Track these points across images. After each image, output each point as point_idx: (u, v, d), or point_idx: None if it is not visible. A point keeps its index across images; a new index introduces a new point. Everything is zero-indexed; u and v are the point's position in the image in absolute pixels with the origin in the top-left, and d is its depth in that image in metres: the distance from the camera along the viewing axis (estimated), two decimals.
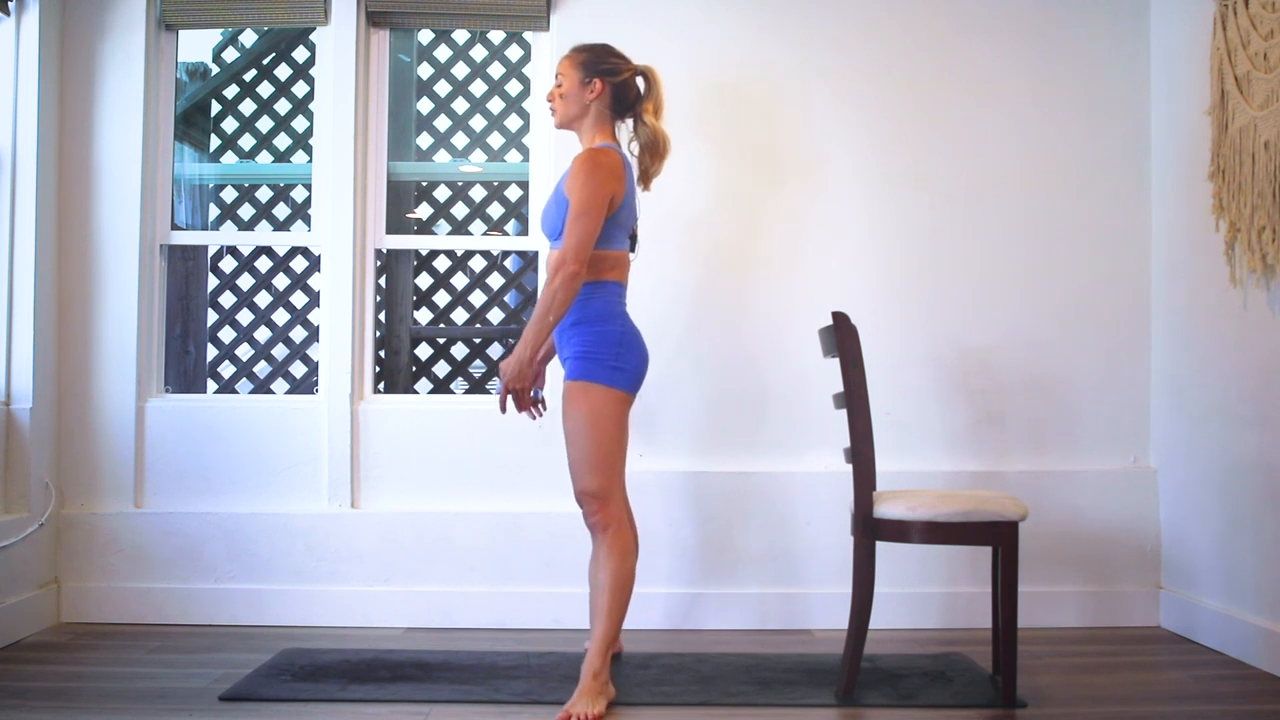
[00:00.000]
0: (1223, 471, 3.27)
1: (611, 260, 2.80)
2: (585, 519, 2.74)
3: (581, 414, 2.70)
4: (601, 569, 2.70)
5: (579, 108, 2.87)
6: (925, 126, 3.69)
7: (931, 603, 3.57)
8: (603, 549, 2.71)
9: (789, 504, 3.59)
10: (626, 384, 2.75)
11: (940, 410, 3.65)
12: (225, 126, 4.53)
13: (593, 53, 2.89)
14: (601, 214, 2.69)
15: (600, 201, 2.69)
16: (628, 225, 2.86)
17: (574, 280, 2.65)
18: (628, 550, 2.72)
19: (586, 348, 2.73)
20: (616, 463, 2.73)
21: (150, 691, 2.80)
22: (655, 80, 2.91)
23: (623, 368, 2.73)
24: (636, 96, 2.92)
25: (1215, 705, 2.74)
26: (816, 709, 2.71)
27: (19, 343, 3.45)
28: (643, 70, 2.92)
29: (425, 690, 2.82)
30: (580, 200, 2.67)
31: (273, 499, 3.62)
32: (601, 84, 2.85)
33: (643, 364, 2.81)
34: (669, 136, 2.93)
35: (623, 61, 2.90)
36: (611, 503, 2.71)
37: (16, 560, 3.34)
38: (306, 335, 4.50)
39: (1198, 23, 3.35)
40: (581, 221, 2.66)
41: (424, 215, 4.54)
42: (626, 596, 2.71)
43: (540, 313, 2.66)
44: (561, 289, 2.64)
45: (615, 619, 2.68)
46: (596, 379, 2.71)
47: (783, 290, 3.66)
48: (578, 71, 2.86)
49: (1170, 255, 3.59)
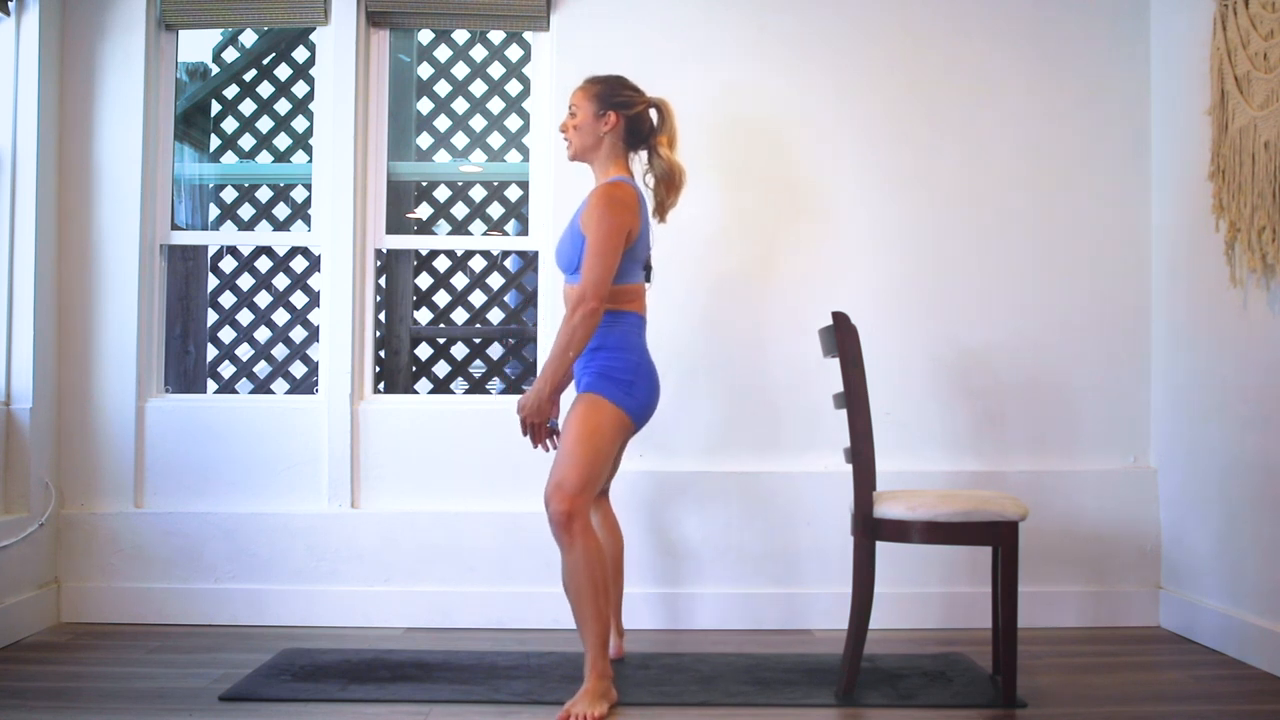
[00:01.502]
0: (1222, 472, 3.27)
1: (629, 293, 2.82)
2: (551, 523, 2.65)
3: (585, 421, 2.70)
4: (573, 576, 2.63)
5: (593, 140, 2.87)
6: (926, 127, 3.69)
7: (931, 603, 3.57)
8: (571, 556, 2.63)
9: (789, 504, 3.59)
10: (634, 410, 2.77)
11: (940, 410, 3.65)
12: (225, 126, 4.53)
13: (607, 85, 2.90)
14: (619, 250, 2.71)
15: (618, 238, 2.70)
16: (643, 258, 2.88)
17: (593, 317, 2.66)
18: (596, 551, 2.64)
19: (605, 368, 2.76)
20: (598, 477, 2.72)
21: (150, 691, 2.80)
22: (669, 113, 2.92)
23: (635, 396, 2.76)
24: (650, 129, 2.92)
25: (1215, 705, 2.74)
26: (816, 709, 2.71)
27: (19, 343, 3.45)
28: (656, 103, 2.93)
29: (425, 690, 2.82)
30: (598, 237, 2.68)
31: (273, 499, 3.62)
32: (616, 117, 2.86)
33: (653, 399, 2.83)
34: (684, 169, 2.93)
35: (637, 95, 2.91)
36: (580, 500, 2.64)
37: (16, 560, 3.34)
38: (306, 335, 4.50)
39: (1198, 23, 3.35)
40: (600, 259, 2.67)
41: (424, 215, 4.54)
42: (605, 598, 2.65)
43: (559, 349, 2.68)
44: (581, 325, 2.66)
45: (601, 620, 2.64)
46: (608, 396, 2.73)
47: (782, 290, 3.66)
48: (592, 104, 2.87)
49: (1170, 255, 3.59)
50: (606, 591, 2.66)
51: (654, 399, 2.84)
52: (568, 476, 2.65)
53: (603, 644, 2.65)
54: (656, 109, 2.93)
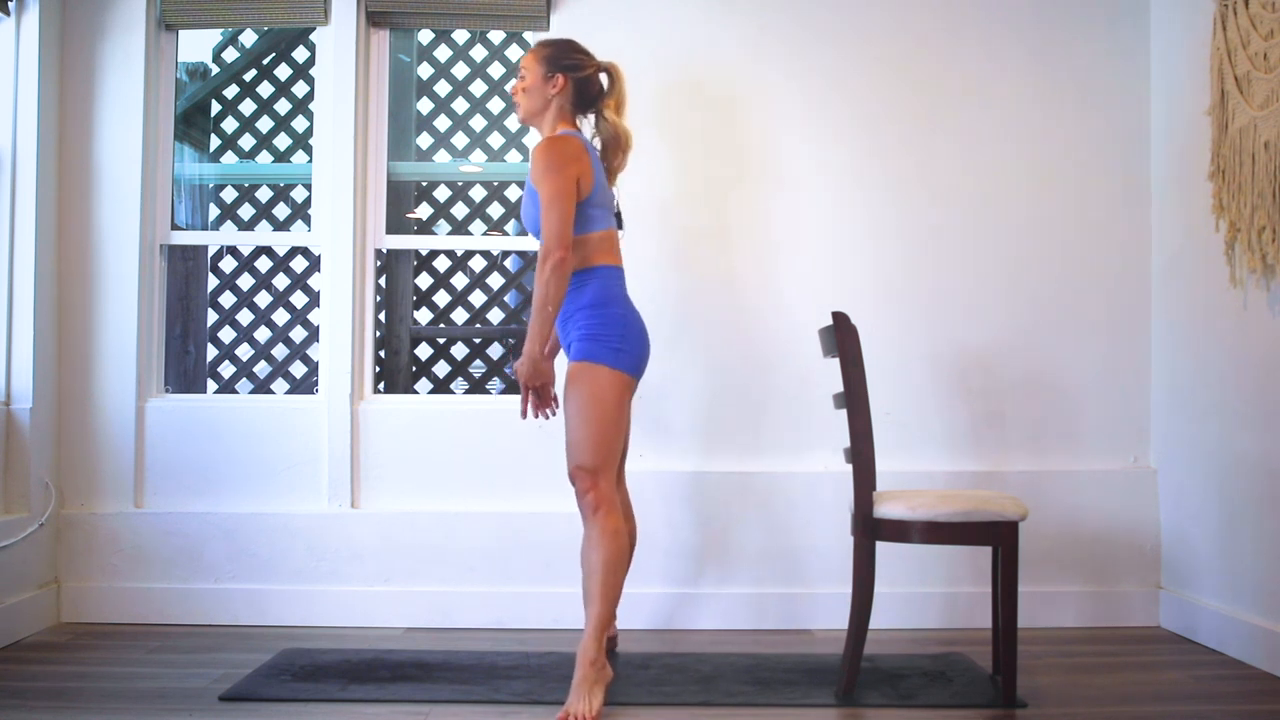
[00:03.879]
0: (1222, 471, 3.27)
1: (598, 241, 2.80)
2: (577, 499, 2.72)
3: (584, 393, 2.70)
4: (593, 550, 2.68)
5: (541, 102, 2.88)
6: (925, 126, 3.69)
7: (931, 603, 3.57)
8: (594, 530, 2.68)
9: (789, 504, 3.59)
10: (629, 367, 2.76)
11: (940, 410, 3.65)
12: (225, 126, 4.53)
13: (556, 48, 2.90)
14: (571, 197, 2.70)
15: (566, 185, 2.69)
16: (606, 204, 2.85)
17: (563, 266, 2.65)
18: (617, 531, 2.68)
19: (590, 330, 2.75)
20: (614, 444, 2.74)
21: (150, 691, 2.80)
22: (618, 76, 2.93)
23: (626, 350, 2.75)
24: (599, 92, 2.92)
25: (1215, 705, 2.74)
26: (816, 709, 2.71)
27: (19, 343, 3.45)
28: (606, 67, 2.92)
29: (425, 690, 2.82)
30: (547, 189, 2.68)
31: (273, 499, 3.62)
32: (564, 79, 2.86)
33: (645, 349, 2.82)
34: (630, 131, 2.95)
35: (586, 58, 2.91)
36: (603, 480, 2.69)
37: (16, 560, 3.34)
38: (306, 335, 4.50)
39: (1198, 23, 3.35)
40: (553, 208, 2.66)
41: (424, 215, 4.54)
42: (619, 579, 2.69)
43: (538, 304, 2.67)
44: (553, 277, 2.65)
45: (609, 601, 2.66)
46: (600, 359, 2.72)
47: (782, 290, 3.66)
48: (540, 66, 2.87)
49: (1170, 255, 3.59)
50: (620, 571, 2.69)
51: (646, 349, 2.83)
52: (585, 456, 2.67)
53: (604, 625, 2.64)
54: (606, 73, 2.92)
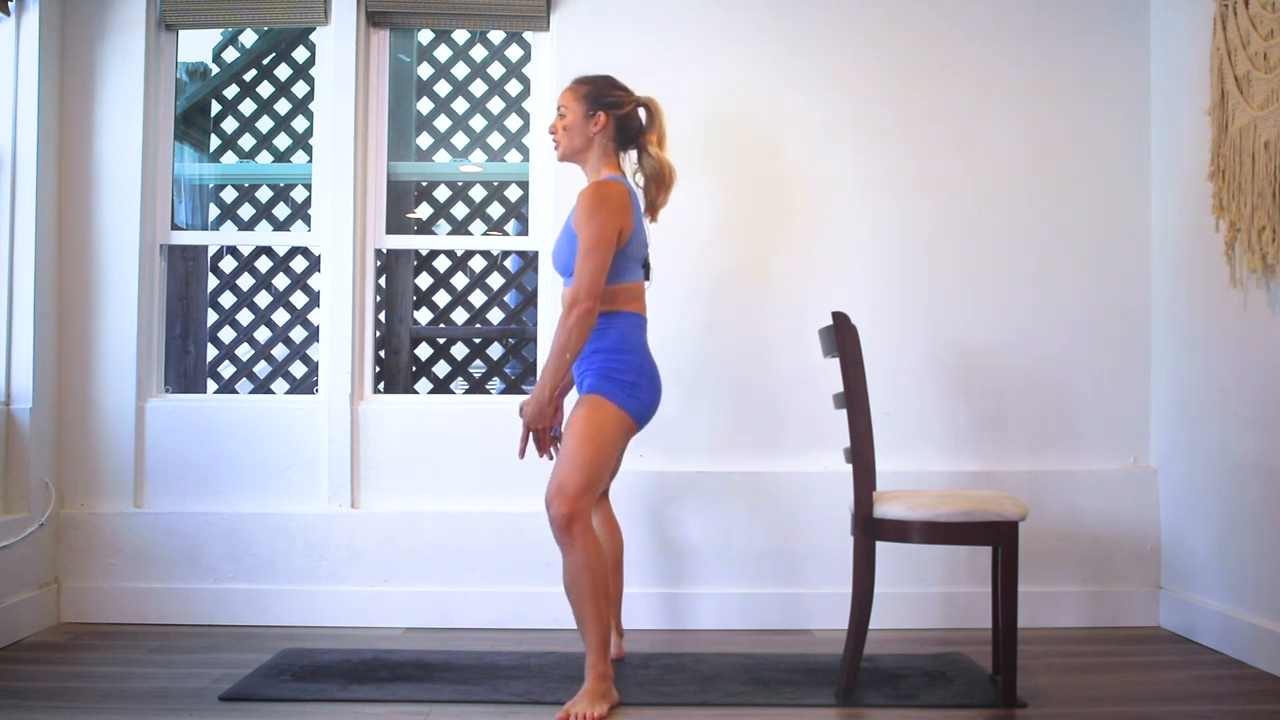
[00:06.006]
0: (1223, 472, 3.27)
1: (627, 293, 2.81)
2: (551, 520, 2.64)
3: (586, 423, 2.69)
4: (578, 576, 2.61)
5: (583, 141, 2.87)
6: (925, 126, 3.69)
7: (931, 603, 3.57)
8: (571, 555, 2.62)
9: (789, 504, 3.59)
10: (636, 412, 2.76)
11: (940, 410, 3.65)
12: (225, 126, 4.53)
13: (596, 85, 2.89)
14: (611, 248, 2.70)
15: (609, 236, 2.69)
16: (639, 256, 2.86)
17: (588, 317, 2.65)
18: (590, 550, 2.62)
19: (607, 369, 2.75)
20: (600, 479, 2.72)
21: (150, 691, 2.80)
22: (658, 111, 2.93)
23: (638, 397, 2.75)
24: (640, 128, 2.92)
25: (1215, 705, 2.74)
26: (816, 709, 2.71)
27: (19, 343, 3.45)
28: (645, 102, 2.92)
29: (425, 690, 2.82)
30: (588, 236, 2.68)
31: (273, 499, 3.62)
32: (606, 117, 2.85)
33: (655, 401, 2.82)
34: (674, 167, 2.93)
35: (625, 94, 2.90)
36: (581, 502, 2.63)
37: (16, 560, 3.34)
38: (306, 335, 4.50)
39: (1198, 23, 3.35)
40: (591, 258, 2.66)
41: (424, 215, 4.54)
42: (599, 595, 2.63)
43: (556, 350, 2.67)
44: (576, 327, 2.65)
45: (599, 621, 2.63)
46: (611, 397, 2.72)
47: (782, 290, 3.66)
48: (581, 104, 2.86)
49: (1170, 255, 3.59)
50: (607, 593, 2.66)
51: (656, 399, 2.83)
52: (569, 479, 2.64)
53: (603, 645, 2.65)
54: (645, 108, 2.93)
